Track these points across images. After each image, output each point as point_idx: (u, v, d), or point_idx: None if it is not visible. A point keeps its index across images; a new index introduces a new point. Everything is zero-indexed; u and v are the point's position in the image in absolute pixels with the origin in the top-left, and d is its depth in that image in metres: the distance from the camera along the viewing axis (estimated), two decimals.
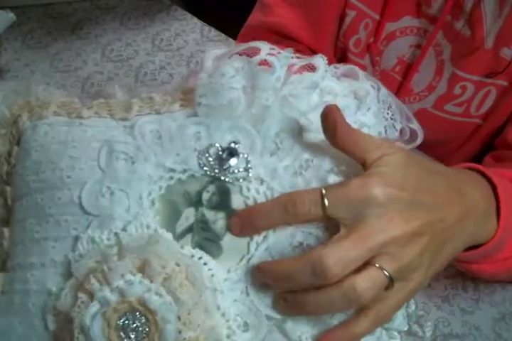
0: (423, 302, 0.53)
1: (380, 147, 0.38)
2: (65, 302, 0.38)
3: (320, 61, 0.43)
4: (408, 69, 0.67)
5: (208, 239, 0.40)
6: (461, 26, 0.60)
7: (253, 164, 0.41)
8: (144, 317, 0.36)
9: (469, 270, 0.48)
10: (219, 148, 0.42)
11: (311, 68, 0.43)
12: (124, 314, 0.36)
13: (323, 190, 0.36)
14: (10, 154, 0.47)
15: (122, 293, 0.36)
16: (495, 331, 0.52)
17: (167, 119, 0.44)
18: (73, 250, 0.40)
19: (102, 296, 0.36)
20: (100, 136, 0.44)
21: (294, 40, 0.68)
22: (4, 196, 0.46)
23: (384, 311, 0.36)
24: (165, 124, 0.43)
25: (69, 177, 0.42)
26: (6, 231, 0.44)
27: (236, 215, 0.39)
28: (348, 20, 0.66)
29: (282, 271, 0.36)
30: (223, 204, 0.41)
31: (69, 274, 0.39)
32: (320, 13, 0.66)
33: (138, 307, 0.36)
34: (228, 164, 0.41)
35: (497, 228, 0.44)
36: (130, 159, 0.42)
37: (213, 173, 0.41)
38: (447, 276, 0.55)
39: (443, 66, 0.65)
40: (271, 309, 0.38)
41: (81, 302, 0.37)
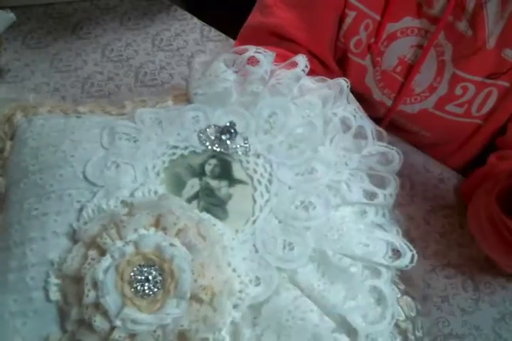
0: (422, 302, 0.53)
1: None
2: (73, 264, 0.37)
3: (300, 58, 0.49)
4: (409, 69, 0.67)
5: (214, 204, 0.41)
6: (463, 27, 0.60)
7: (250, 141, 0.44)
8: (159, 267, 0.36)
9: None
10: (218, 128, 0.45)
11: (294, 65, 0.49)
12: (138, 266, 0.36)
13: None
14: (2, 151, 0.47)
15: (137, 245, 0.36)
16: (495, 331, 0.52)
17: (163, 110, 0.47)
18: (78, 220, 0.40)
19: (116, 249, 0.36)
20: (100, 124, 0.46)
21: (293, 42, 0.67)
22: None
23: None
24: (162, 113, 0.46)
25: (72, 156, 0.43)
26: None
27: None
28: (349, 20, 0.65)
29: None
30: (226, 174, 0.43)
31: (74, 241, 0.39)
32: (318, 14, 0.66)
33: (153, 257, 0.36)
34: (227, 141, 0.44)
35: None
36: (133, 138, 0.44)
37: (214, 147, 0.44)
38: (447, 276, 0.55)
39: (444, 67, 0.65)
40: (281, 261, 0.39)
41: (91, 259, 0.36)
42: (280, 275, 0.38)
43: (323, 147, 0.44)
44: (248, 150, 0.44)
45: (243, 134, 0.44)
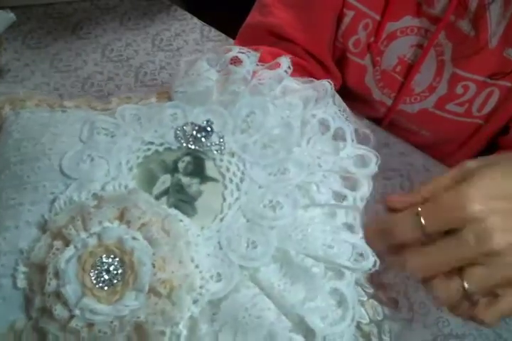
0: (422, 302, 0.53)
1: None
2: (39, 253, 0.38)
3: (284, 60, 0.49)
4: (409, 69, 0.67)
5: (183, 201, 0.42)
6: (465, 26, 0.59)
7: (226, 140, 0.45)
8: (120, 259, 0.37)
9: None
10: (194, 126, 0.45)
11: (277, 66, 0.49)
12: (100, 258, 0.37)
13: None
14: None
15: (100, 237, 0.37)
16: (495, 331, 0.52)
17: (145, 107, 0.48)
18: (50, 211, 0.41)
19: (80, 240, 0.37)
20: (82, 119, 0.47)
21: (291, 42, 0.68)
22: None
23: None
24: (143, 110, 0.47)
25: (50, 149, 0.44)
26: None
27: None
28: (347, 20, 0.65)
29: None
30: (198, 171, 0.43)
31: (44, 231, 0.40)
32: (315, 14, 0.66)
33: (114, 249, 0.37)
34: (203, 139, 0.45)
35: None
36: (110, 133, 0.45)
37: (189, 145, 0.44)
38: None
39: (443, 66, 0.64)
40: (244, 259, 0.39)
41: (56, 249, 0.37)
42: (242, 272, 0.39)
43: (298, 148, 0.44)
44: (223, 148, 0.44)
45: (219, 133, 0.45)
